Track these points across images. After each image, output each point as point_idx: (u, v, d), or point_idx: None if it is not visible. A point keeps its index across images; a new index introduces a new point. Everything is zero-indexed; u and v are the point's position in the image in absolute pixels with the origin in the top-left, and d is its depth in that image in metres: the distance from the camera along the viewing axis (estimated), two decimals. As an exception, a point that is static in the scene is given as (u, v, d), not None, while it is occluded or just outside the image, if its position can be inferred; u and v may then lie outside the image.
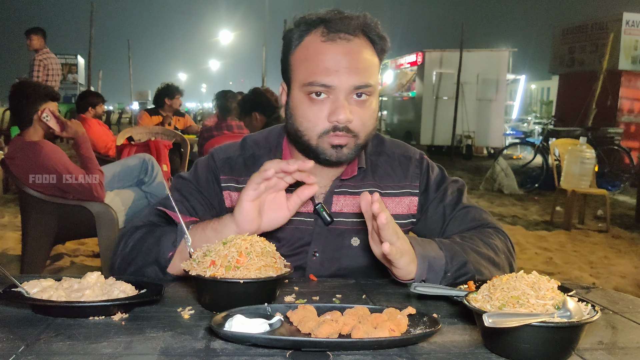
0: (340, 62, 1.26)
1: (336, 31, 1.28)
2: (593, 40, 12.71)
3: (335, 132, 1.28)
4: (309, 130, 1.30)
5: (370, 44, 1.32)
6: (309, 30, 1.30)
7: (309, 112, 1.29)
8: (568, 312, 0.83)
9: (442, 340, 0.92)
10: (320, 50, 1.28)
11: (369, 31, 1.32)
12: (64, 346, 0.84)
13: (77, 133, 3.17)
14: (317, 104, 1.28)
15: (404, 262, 1.14)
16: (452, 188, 1.46)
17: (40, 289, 1.01)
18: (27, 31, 7.40)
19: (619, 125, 11.34)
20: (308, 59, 1.29)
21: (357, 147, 1.32)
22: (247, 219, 1.17)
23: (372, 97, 1.32)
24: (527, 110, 32.38)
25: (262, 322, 0.89)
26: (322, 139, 1.29)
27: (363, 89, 1.28)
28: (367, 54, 1.30)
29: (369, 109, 1.31)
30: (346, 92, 1.27)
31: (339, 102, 1.26)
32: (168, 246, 1.22)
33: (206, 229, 1.21)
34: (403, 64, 19.14)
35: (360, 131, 1.30)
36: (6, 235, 4.93)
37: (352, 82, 1.26)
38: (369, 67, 1.30)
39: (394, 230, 1.11)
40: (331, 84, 1.26)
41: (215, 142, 4.30)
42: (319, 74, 1.27)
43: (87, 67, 15.10)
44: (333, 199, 1.40)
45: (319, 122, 1.29)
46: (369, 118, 1.32)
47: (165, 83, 6.79)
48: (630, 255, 5.35)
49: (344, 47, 1.27)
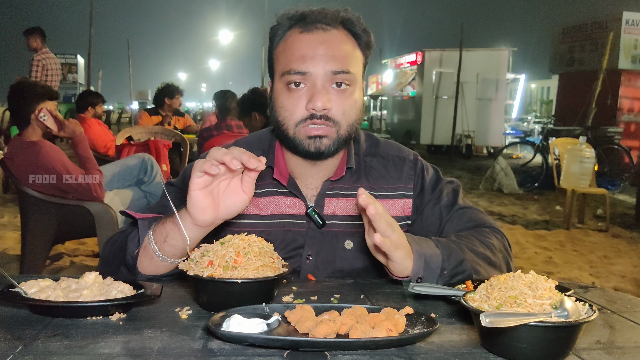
0: (317, 49, 1.27)
1: (313, 22, 1.30)
2: (593, 39, 12.70)
3: (313, 119, 1.28)
4: (287, 119, 1.31)
5: (351, 38, 1.33)
6: (290, 25, 1.33)
7: (287, 102, 1.30)
8: (565, 311, 0.83)
9: (440, 340, 0.92)
10: (297, 40, 1.30)
11: (350, 25, 1.33)
12: (62, 346, 0.84)
13: (75, 132, 3.18)
14: (295, 93, 1.29)
15: (399, 256, 1.12)
16: (447, 189, 1.45)
17: (38, 289, 1.00)
18: (26, 31, 7.41)
19: (619, 125, 11.34)
20: (286, 50, 1.31)
21: (339, 139, 1.31)
22: (198, 209, 1.11)
23: (354, 87, 1.31)
24: (527, 110, 32.39)
25: (259, 322, 0.89)
26: (299, 129, 1.29)
27: (341, 75, 1.27)
28: (346, 44, 1.31)
29: (350, 98, 1.31)
30: (323, 78, 1.27)
31: (315, 89, 1.27)
32: (134, 245, 1.23)
33: (166, 223, 1.18)
34: (403, 64, 19.17)
35: (341, 120, 1.30)
36: (6, 235, 4.94)
37: (329, 67, 1.26)
38: (348, 56, 1.30)
39: (388, 223, 1.09)
40: (306, 70, 1.26)
41: (215, 142, 4.30)
42: (294, 61, 1.28)
43: (86, 66, 15.09)
44: (325, 202, 1.39)
45: (296, 111, 1.29)
46: (350, 107, 1.31)
47: (165, 83, 6.79)
48: (630, 255, 5.35)
49: (320, 36, 1.29)
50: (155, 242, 1.17)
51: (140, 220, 1.23)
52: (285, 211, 1.39)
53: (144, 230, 1.21)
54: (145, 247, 1.20)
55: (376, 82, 25.07)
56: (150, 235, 1.18)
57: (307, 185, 1.40)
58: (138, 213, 1.26)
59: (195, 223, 1.13)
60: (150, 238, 1.18)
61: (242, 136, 1.57)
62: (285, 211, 1.39)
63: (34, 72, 7.27)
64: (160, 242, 1.17)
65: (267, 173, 1.38)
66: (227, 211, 1.15)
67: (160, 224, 1.19)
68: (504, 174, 9.18)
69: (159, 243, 1.17)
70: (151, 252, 1.18)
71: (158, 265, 1.20)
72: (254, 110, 4.29)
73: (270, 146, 1.44)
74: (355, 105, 1.32)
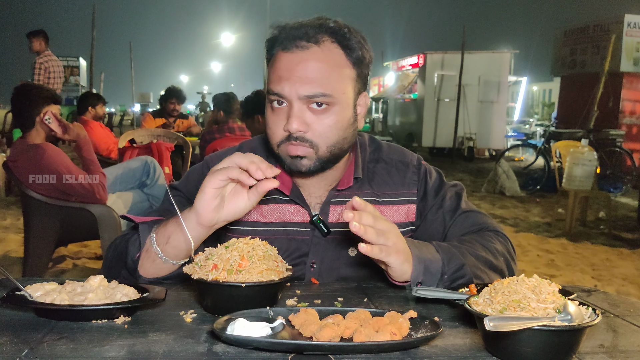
0: (292, 70, 1.24)
1: (293, 39, 1.26)
2: (595, 42, 12.70)
3: (290, 140, 1.26)
4: (271, 137, 1.31)
5: (341, 52, 1.28)
6: (279, 40, 1.30)
7: (270, 120, 1.30)
8: (569, 315, 0.84)
9: (444, 343, 0.92)
10: (278, 59, 1.28)
11: (340, 38, 1.28)
12: (67, 349, 0.84)
13: (79, 136, 3.18)
14: (277, 112, 1.28)
15: (395, 261, 1.11)
16: (450, 193, 1.44)
17: (43, 292, 1.01)
18: (29, 34, 7.42)
19: (621, 127, 11.34)
20: (271, 68, 1.30)
21: (320, 160, 1.28)
22: (208, 209, 1.13)
23: (336, 107, 1.26)
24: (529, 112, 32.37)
25: (264, 326, 0.89)
26: (281, 148, 1.29)
27: (318, 98, 1.24)
28: (326, 62, 1.25)
29: (330, 118, 1.26)
30: (298, 101, 1.24)
31: (292, 111, 1.25)
32: (135, 249, 1.23)
33: (168, 224, 1.19)
34: (405, 66, 19.17)
35: (319, 142, 1.27)
36: (8, 238, 4.94)
37: (302, 92, 1.23)
38: (327, 77, 1.24)
39: (380, 231, 1.08)
40: (281, 92, 1.25)
41: (217, 145, 4.30)
42: (272, 82, 1.27)
43: (89, 69, 15.12)
44: (330, 210, 1.39)
45: (277, 131, 1.28)
46: (329, 128, 1.27)
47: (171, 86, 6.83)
48: (632, 258, 5.34)
49: (297, 56, 1.25)
50: (158, 244, 1.18)
51: (141, 224, 1.23)
52: (289, 219, 1.38)
53: (144, 233, 1.22)
54: (147, 250, 1.20)
55: (378, 85, 25.08)
56: (153, 237, 1.19)
57: (310, 194, 1.39)
58: (138, 217, 1.27)
59: (201, 222, 1.14)
60: (153, 240, 1.18)
61: (245, 139, 1.57)
62: (289, 219, 1.38)
63: (36, 75, 7.28)
64: (163, 244, 1.17)
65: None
66: (230, 213, 1.16)
67: (162, 226, 1.20)
68: (506, 176, 9.18)
69: (162, 245, 1.18)
70: (153, 254, 1.18)
71: (160, 268, 1.20)
72: (256, 112, 4.28)
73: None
74: (335, 125, 1.27)
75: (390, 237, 1.10)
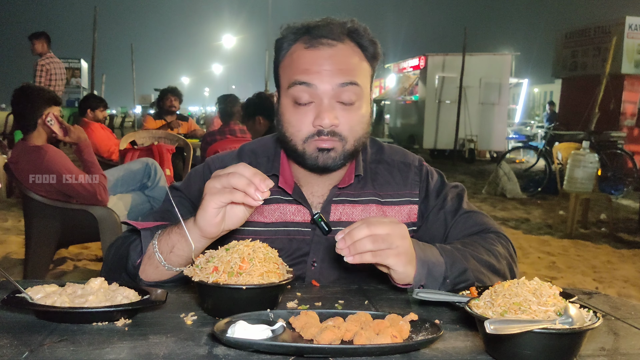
0: (322, 65, 1.27)
1: (319, 37, 1.28)
2: (596, 44, 12.71)
3: (320, 136, 1.28)
4: (294, 135, 1.31)
5: (358, 50, 1.32)
6: (295, 38, 1.32)
7: (293, 118, 1.30)
8: (570, 318, 0.84)
9: (444, 346, 0.92)
10: (302, 56, 1.29)
11: (357, 37, 1.32)
12: (68, 352, 0.84)
13: (80, 138, 3.19)
14: (301, 109, 1.29)
15: (396, 264, 1.11)
16: (452, 194, 1.45)
17: (44, 294, 1.01)
18: (31, 36, 7.43)
19: (622, 129, 11.34)
20: (292, 65, 1.31)
21: (346, 153, 1.31)
22: (210, 225, 1.13)
23: (361, 101, 1.31)
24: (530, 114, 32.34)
25: (264, 328, 0.89)
26: (308, 143, 1.29)
27: (349, 87, 1.27)
28: (352, 58, 1.30)
29: (357, 113, 1.30)
30: (330, 94, 1.26)
31: (323, 106, 1.26)
32: (136, 254, 1.23)
33: (171, 233, 1.19)
34: (406, 68, 19.16)
35: (348, 135, 1.30)
36: (9, 239, 4.95)
37: (336, 80, 1.26)
38: (354, 69, 1.29)
39: (376, 243, 1.08)
40: (312, 82, 1.26)
41: (219, 147, 4.31)
42: (299, 74, 1.28)
43: (90, 71, 15.13)
44: (331, 208, 1.39)
45: (303, 127, 1.29)
46: (357, 122, 1.30)
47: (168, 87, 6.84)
48: (633, 260, 5.34)
49: (325, 52, 1.28)
50: (161, 252, 1.18)
51: (143, 230, 1.23)
52: (290, 219, 1.39)
53: (146, 240, 1.21)
54: (149, 257, 1.20)
55: (379, 87, 25.10)
56: (155, 245, 1.19)
57: (313, 193, 1.40)
58: (140, 222, 1.26)
59: (204, 235, 1.14)
60: (155, 247, 1.18)
61: (246, 141, 1.57)
62: (290, 219, 1.39)
63: (37, 76, 7.29)
64: (167, 252, 1.17)
65: (272, 181, 1.39)
66: (231, 223, 1.17)
67: (165, 233, 1.20)
68: (507, 178, 9.17)
69: (165, 253, 1.18)
70: (156, 261, 1.18)
71: (162, 274, 1.21)
72: (258, 114, 4.29)
73: (276, 154, 1.44)
74: (362, 119, 1.32)
75: (393, 240, 1.10)
